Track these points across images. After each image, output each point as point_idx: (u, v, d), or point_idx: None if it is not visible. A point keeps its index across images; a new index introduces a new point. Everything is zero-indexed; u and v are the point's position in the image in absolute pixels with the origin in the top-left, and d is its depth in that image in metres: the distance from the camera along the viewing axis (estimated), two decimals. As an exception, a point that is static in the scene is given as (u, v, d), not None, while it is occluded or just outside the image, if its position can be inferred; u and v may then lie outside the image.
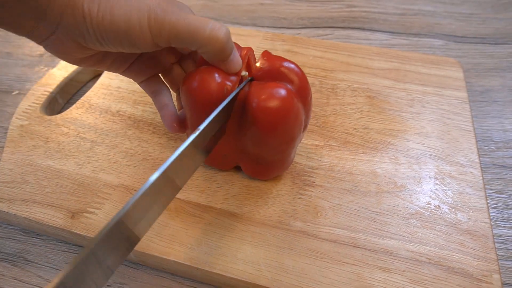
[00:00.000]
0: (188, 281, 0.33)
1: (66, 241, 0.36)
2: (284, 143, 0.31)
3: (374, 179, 0.36)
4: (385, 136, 0.40)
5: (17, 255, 0.36)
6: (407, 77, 0.47)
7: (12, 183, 0.38)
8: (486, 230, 0.32)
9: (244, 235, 0.33)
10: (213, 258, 0.31)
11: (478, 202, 0.34)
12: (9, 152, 0.40)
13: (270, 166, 0.34)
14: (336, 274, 0.30)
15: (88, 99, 0.46)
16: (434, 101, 0.44)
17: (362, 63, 0.50)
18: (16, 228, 0.38)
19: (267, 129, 0.29)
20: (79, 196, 0.36)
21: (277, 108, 0.29)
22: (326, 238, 0.32)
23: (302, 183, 0.36)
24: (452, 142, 0.40)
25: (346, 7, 0.67)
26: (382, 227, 0.33)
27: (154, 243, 0.32)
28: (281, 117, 0.29)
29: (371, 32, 0.61)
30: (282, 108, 0.29)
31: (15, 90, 0.53)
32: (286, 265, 0.31)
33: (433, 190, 0.36)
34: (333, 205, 0.35)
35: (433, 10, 0.65)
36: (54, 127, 0.43)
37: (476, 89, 0.50)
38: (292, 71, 0.31)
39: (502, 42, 0.58)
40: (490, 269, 0.30)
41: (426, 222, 0.33)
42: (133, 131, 0.42)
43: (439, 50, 0.57)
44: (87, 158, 0.39)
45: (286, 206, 0.35)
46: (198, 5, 0.69)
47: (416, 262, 0.31)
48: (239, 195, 0.36)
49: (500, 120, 0.46)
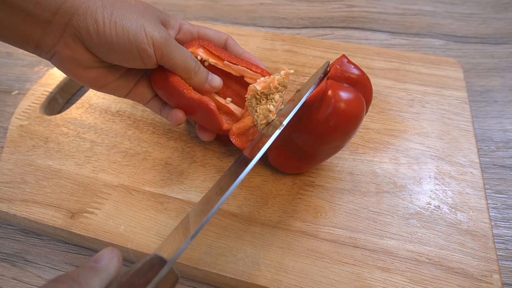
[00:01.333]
0: (188, 281, 0.33)
1: (66, 241, 0.36)
2: (343, 143, 0.32)
3: (374, 179, 0.36)
4: (385, 136, 0.40)
5: (16, 255, 0.36)
6: (407, 77, 0.47)
7: (12, 183, 0.37)
8: (486, 230, 0.32)
9: (244, 235, 0.33)
10: (213, 258, 0.31)
11: (478, 202, 0.34)
12: (8, 152, 0.40)
13: (307, 161, 0.34)
14: (336, 274, 0.30)
15: (88, 99, 0.46)
16: (434, 101, 0.44)
17: (362, 63, 0.49)
18: (16, 228, 0.38)
19: (340, 129, 0.30)
20: (78, 196, 0.36)
21: (353, 112, 0.30)
22: (326, 238, 0.32)
23: (302, 183, 0.36)
24: (452, 142, 0.40)
25: (346, 7, 0.67)
26: (382, 227, 0.33)
27: (153, 244, 0.32)
28: (354, 121, 0.30)
29: (371, 32, 0.61)
30: (357, 113, 0.30)
31: (15, 90, 0.53)
32: (286, 265, 0.31)
33: (433, 190, 0.35)
34: (333, 205, 0.35)
35: (433, 10, 0.65)
36: (53, 127, 0.43)
37: (476, 89, 0.50)
38: (364, 79, 0.32)
39: (502, 42, 0.58)
40: (490, 269, 0.30)
41: (426, 222, 0.33)
42: (132, 131, 0.42)
43: (439, 50, 0.57)
44: (87, 158, 0.39)
45: (286, 206, 0.35)
46: (198, 5, 0.69)
47: (416, 262, 0.31)
48: (239, 195, 0.36)
49: (500, 120, 0.46)
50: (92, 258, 0.21)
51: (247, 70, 0.36)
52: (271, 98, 0.33)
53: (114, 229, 0.33)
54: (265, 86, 0.33)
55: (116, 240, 0.33)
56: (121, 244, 0.32)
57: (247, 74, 0.36)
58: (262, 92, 0.33)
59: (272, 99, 0.33)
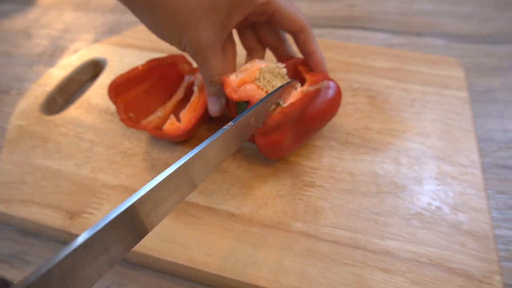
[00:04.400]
0: (187, 282, 0.33)
1: (65, 241, 0.36)
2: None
3: (375, 180, 0.36)
4: (386, 136, 0.40)
5: (15, 256, 0.35)
6: (408, 77, 0.47)
7: (11, 184, 0.37)
8: (488, 231, 0.32)
9: (244, 236, 0.32)
10: (213, 259, 0.31)
11: (479, 202, 0.34)
12: (7, 153, 0.40)
13: (299, 139, 0.36)
14: (336, 275, 0.30)
15: (87, 99, 0.46)
16: (435, 101, 0.44)
17: (363, 62, 0.49)
18: (15, 228, 0.38)
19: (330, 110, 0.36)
20: (78, 197, 0.36)
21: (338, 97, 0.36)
22: (326, 239, 0.32)
23: (302, 184, 0.36)
24: (453, 142, 0.39)
25: (347, 6, 0.67)
26: (382, 228, 0.33)
27: (153, 244, 0.32)
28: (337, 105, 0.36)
29: (372, 31, 0.61)
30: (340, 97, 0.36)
31: (13, 90, 0.53)
32: (286, 266, 0.30)
33: (434, 190, 0.35)
34: (334, 205, 0.34)
35: (434, 9, 0.65)
36: (52, 127, 0.43)
37: (477, 89, 0.50)
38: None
39: (503, 41, 0.57)
40: (492, 270, 0.30)
41: (427, 222, 0.33)
42: (132, 131, 0.42)
43: (440, 50, 0.56)
44: (86, 159, 0.39)
45: (286, 207, 0.34)
46: (198, 4, 0.68)
47: (417, 263, 0.30)
48: (238, 195, 0.35)
49: (502, 120, 0.45)
50: None
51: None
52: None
53: (113, 229, 0.33)
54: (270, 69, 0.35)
55: (115, 241, 0.32)
56: (120, 245, 0.32)
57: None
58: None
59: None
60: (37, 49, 0.61)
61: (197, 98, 0.39)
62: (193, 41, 0.31)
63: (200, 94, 0.39)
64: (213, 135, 0.26)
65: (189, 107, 0.38)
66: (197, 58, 0.33)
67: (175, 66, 0.42)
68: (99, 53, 0.53)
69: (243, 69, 0.35)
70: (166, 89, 0.43)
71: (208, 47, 0.32)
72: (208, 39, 0.32)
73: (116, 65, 0.51)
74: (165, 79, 0.43)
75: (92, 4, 0.73)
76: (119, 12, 0.70)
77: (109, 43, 0.54)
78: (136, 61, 0.50)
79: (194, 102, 0.39)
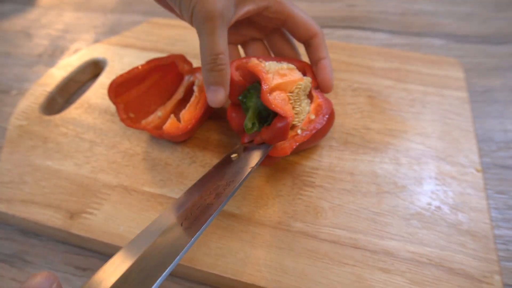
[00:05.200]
0: (187, 282, 0.33)
1: (65, 241, 0.36)
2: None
3: (375, 180, 0.36)
4: (386, 136, 0.40)
5: (15, 255, 0.35)
6: (408, 77, 0.47)
7: (11, 184, 0.37)
8: (487, 231, 0.32)
9: (244, 236, 0.32)
10: (213, 259, 0.31)
11: (479, 202, 0.34)
12: (7, 153, 0.40)
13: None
14: (336, 275, 0.30)
15: (87, 99, 0.46)
16: (435, 101, 0.44)
17: (363, 63, 0.49)
18: (15, 228, 0.38)
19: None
20: (78, 197, 0.36)
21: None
22: (326, 238, 0.32)
23: (302, 184, 0.36)
24: (453, 142, 0.39)
25: (347, 6, 0.67)
26: (382, 228, 0.33)
27: (153, 244, 0.32)
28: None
29: (372, 31, 0.61)
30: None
31: (13, 90, 0.53)
32: (286, 266, 0.30)
33: (433, 190, 0.35)
34: (333, 205, 0.34)
35: (434, 10, 0.65)
36: (53, 127, 0.43)
37: (477, 89, 0.50)
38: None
39: (503, 41, 0.57)
40: (491, 270, 0.30)
41: (426, 222, 0.33)
42: (132, 131, 0.42)
43: (440, 50, 0.56)
44: (86, 159, 0.39)
45: (286, 207, 0.34)
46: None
47: (417, 263, 0.30)
48: (238, 195, 0.35)
49: (501, 120, 0.45)
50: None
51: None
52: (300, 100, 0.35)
53: (114, 229, 0.33)
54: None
55: (115, 240, 0.32)
56: (120, 245, 0.32)
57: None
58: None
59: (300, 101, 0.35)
60: (37, 49, 0.61)
61: (197, 98, 0.39)
62: (206, 5, 0.29)
63: (200, 94, 0.39)
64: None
65: (189, 107, 0.38)
66: (204, 26, 0.30)
67: (175, 66, 0.42)
68: (99, 53, 0.53)
69: (282, 73, 0.35)
70: (166, 89, 0.43)
71: (220, 16, 0.30)
72: (222, 7, 0.30)
73: (116, 65, 0.51)
74: (165, 79, 0.43)
75: (92, 4, 0.73)
76: (119, 12, 0.70)
77: (109, 43, 0.54)
78: (136, 61, 0.50)
79: (194, 102, 0.39)
